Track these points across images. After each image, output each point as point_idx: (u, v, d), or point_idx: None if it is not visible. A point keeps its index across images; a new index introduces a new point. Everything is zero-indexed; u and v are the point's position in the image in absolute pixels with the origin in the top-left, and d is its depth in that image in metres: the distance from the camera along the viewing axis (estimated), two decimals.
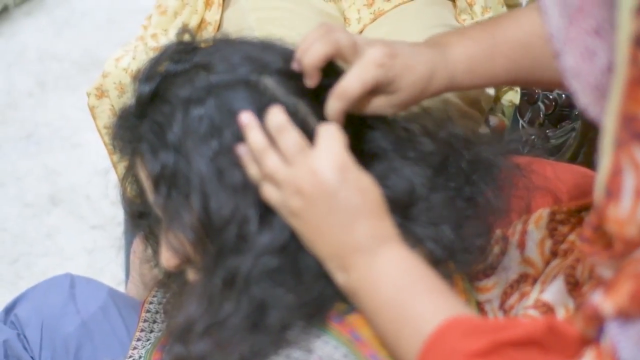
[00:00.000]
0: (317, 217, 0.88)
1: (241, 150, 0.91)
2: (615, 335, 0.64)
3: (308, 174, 0.88)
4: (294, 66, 0.96)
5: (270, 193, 0.91)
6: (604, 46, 0.68)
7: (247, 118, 0.92)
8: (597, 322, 0.67)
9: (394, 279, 0.86)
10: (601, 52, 0.68)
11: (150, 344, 1.24)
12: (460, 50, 1.02)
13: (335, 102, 0.94)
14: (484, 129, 1.46)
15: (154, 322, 1.31)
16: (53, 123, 2.50)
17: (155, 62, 0.98)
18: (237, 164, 0.92)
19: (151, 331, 1.30)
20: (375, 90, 0.96)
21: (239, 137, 0.92)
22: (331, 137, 0.90)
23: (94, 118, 1.60)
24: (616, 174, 0.63)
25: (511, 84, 1.39)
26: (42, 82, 2.67)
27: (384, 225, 0.90)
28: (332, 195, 0.87)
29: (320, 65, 0.94)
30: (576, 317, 0.71)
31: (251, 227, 0.91)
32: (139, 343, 1.28)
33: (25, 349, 1.31)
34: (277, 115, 0.91)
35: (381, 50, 0.96)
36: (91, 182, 2.32)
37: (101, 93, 1.57)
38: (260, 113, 0.92)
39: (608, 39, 0.67)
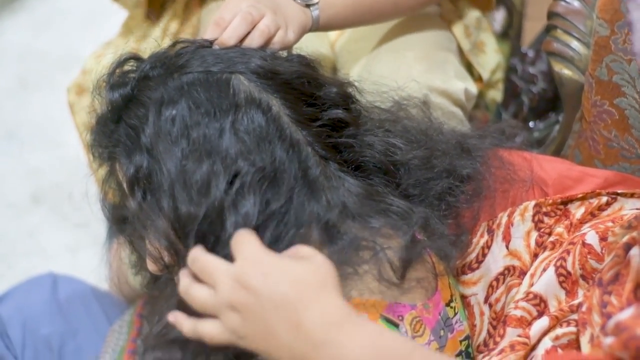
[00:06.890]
0: (260, 325, 0.80)
1: (171, 317, 0.86)
2: None
3: (233, 286, 0.81)
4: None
5: (209, 329, 0.83)
6: None
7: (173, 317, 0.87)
8: None
9: None
10: None
11: (120, 347, 1.25)
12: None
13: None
14: (467, 125, 1.46)
15: (120, 333, 1.32)
16: (35, 121, 2.48)
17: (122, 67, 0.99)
18: (201, 164, 0.90)
19: (116, 345, 1.31)
20: None
21: (208, 137, 0.91)
22: (245, 242, 0.84)
23: (73, 114, 1.59)
24: None
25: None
26: (24, 80, 2.65)
27: (334, 306, 0.80)
28: (263, 297, 0.79)
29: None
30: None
31: (218, 228, 0.90)
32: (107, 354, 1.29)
33: (7, 348, 1.31)
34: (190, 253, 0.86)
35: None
36: (74, 180, 2.29)
37: (81, 90, 1.56)
38: (232, 111, 0.92)
39: None
